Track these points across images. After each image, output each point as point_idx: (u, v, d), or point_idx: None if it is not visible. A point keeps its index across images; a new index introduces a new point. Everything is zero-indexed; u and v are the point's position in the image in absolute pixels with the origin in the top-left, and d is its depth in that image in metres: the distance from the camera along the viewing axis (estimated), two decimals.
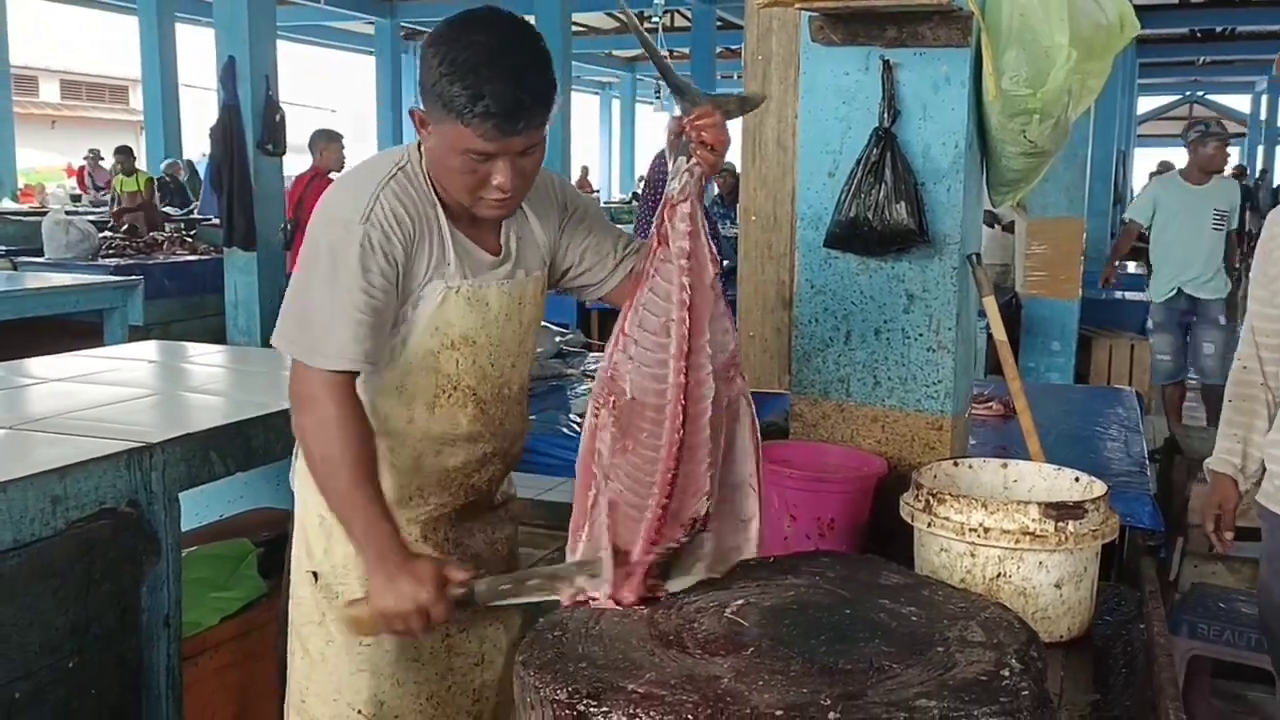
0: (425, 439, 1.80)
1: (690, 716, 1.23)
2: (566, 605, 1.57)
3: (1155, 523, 2.62)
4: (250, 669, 2.51)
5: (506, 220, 1.81)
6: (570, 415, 3.41)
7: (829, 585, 1.61)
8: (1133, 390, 4.56)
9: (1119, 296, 8.27)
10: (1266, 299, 2.25)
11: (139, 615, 2.08)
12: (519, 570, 1.93)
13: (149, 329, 6.72)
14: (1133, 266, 9.69)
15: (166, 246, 8.78)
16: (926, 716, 1.22)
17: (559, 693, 1.30)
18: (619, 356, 1.57)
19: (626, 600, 1.54)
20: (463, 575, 1.64)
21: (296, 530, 1.89)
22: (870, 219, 2.13)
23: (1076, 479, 1.98)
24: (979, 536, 1.76)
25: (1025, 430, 2.32)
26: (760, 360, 3.49)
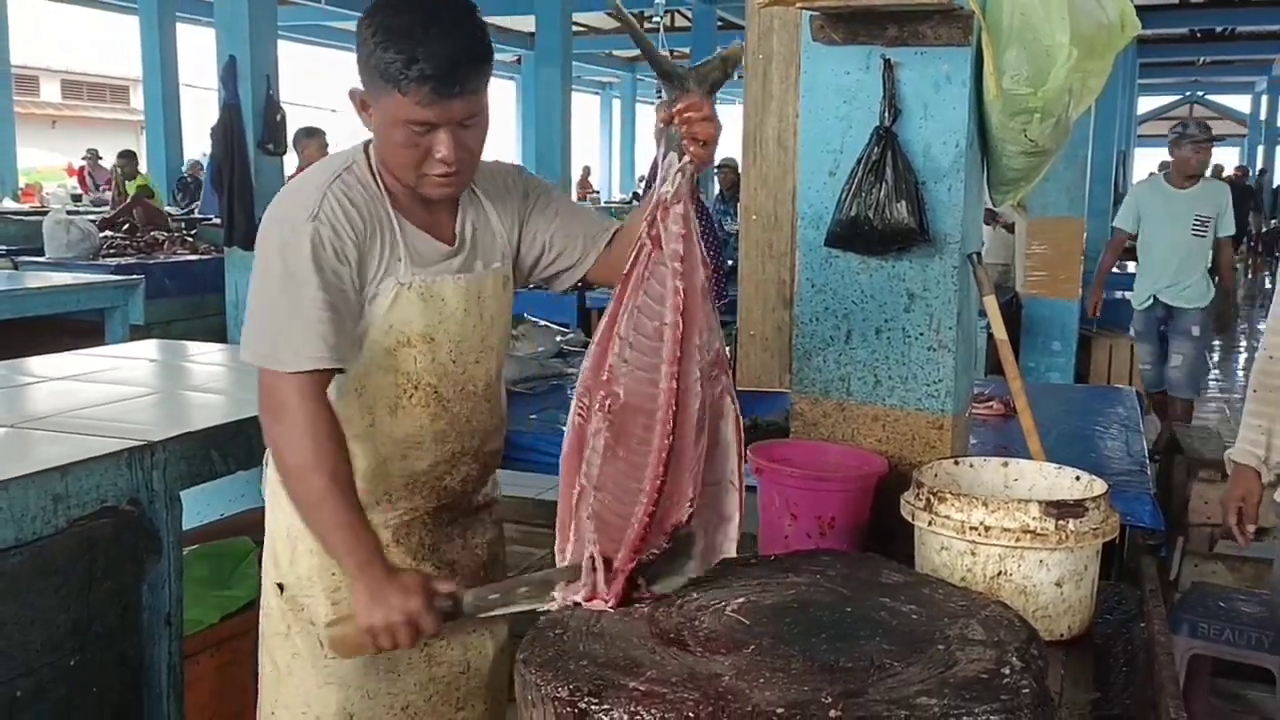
0: (389, 442, 1.76)
1: (691, 714, 1.23)
2: (558, 608, 1.55)
3: (1156, 522, 2.62)
4: (251, 667, 2.50)
5: (462, 209, 1.78)
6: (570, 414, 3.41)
7: (830, 584, 1.61)
8: (1133, 390, 4.56)
9: (1119, 296, 8.26)
10: None
11: (140, 613, 2.08)
12: (505, 577, 1.88)
13: (150, 328, 6.71)
14: (1132, 266, 9.68)
15: (167, 246, 8.78)
16: (927, 714, 1.22)
17: (560, 690, 1.30)
18: (614, 359, 1.54)
19: (610, 606, 1.50)
20: (449, 587, 1.61)
21: (266, 540, 1.86)
22: (871, 218, 2.13)
23: (1077, 478, 1.98)
24: (979, 535, 1.76)
25: (1026, 429, 2.32)
26: (761, 359, 3.49)
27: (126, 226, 9.56)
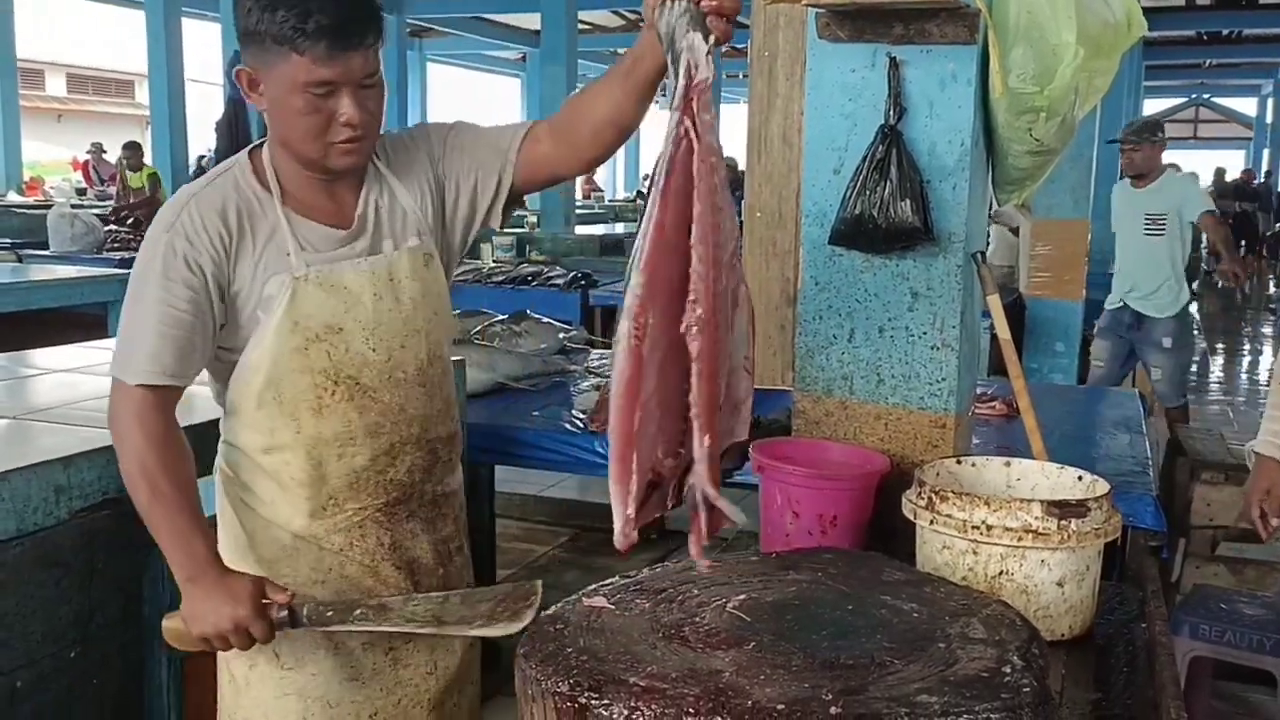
0: (320, 444, 1.71)
1: (691, 710, 1.23)
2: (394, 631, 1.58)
3: (1158, 523, 2.62)
4: None
5: (365, 189, 1.73)
6: (572, 411, 3.41)
7: (831, 581, 1.61)
8: (1136, 391, 4.56)
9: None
10: None
11: (141, 605, 2.08)
12: (490, 575, 1.86)
13: None
14: None
15: None
16: (927, 712, 1.22)
17: (560, 685, 1.30)
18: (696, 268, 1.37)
19: (713, 495, 1.35)
20: (284, 596, 1.61)
21: (220, 548, 1.81)
22: (875, 216, 2.13)
23: (1079, 478, 1.98)
24: (981, 534, 1.76)
25: (1029, 429, 2.32)
26: (764, 357, 3.49)
27: (131, 220, 9.58)
